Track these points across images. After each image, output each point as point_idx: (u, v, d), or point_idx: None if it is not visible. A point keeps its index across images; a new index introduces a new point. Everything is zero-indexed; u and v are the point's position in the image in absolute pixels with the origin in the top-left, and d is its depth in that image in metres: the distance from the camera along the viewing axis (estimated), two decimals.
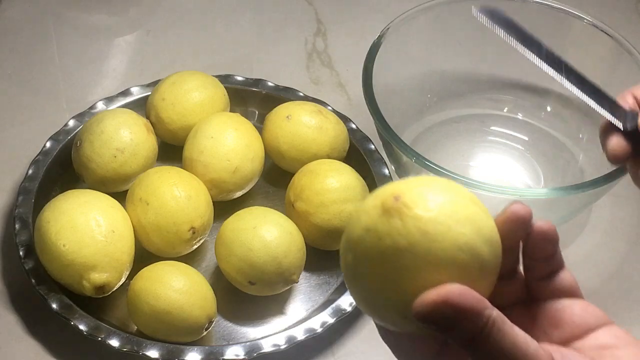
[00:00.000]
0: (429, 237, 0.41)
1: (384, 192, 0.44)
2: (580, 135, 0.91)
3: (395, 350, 0.46)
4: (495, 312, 0.40)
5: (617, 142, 0.52)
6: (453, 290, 0.40)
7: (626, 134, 0.52)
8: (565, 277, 0.46)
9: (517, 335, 0.41)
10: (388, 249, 0.42)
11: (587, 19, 0.89)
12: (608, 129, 0.53)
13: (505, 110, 0.95)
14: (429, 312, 0.40)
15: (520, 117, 0.95)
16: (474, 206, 0.43)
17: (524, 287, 0.47)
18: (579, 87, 0.53)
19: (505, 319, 0.41)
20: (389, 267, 0.42)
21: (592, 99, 0.53)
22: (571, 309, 0.45)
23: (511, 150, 0.91)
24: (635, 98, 0.54)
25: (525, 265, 0.46)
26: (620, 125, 0.52)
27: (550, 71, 0.54)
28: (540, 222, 0.45)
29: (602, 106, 0.53)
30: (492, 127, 0.94)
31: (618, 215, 0.90)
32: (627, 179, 0.76)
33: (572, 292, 0.46)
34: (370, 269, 0.43)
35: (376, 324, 0.45)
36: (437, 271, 0.41)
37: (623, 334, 0.45)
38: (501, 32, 0.54)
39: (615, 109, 0.53)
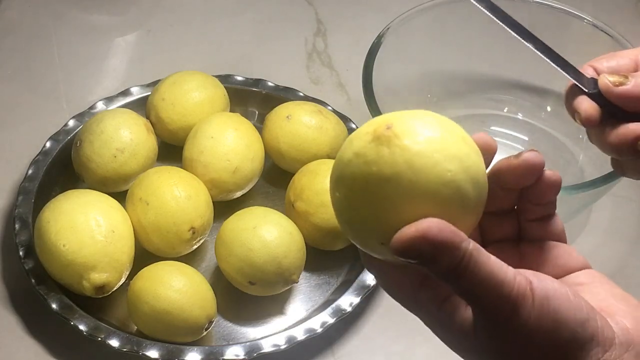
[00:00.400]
0: (414, 169, 0.41)
1: (379, 120, 0.44)
2: (580, 136, 0.91)
3: (379, 279, 0.47)
4: (472, 245, 0.41)
5: (589, 105, 0.55)
6: (431, 225, 0.40)
7: (591, 95, 0.56)
8: (555, 222, 0.48)
9: (494, 264, 0.42)
10: (372, 175, 0.42)
11: (587, 19, 0.89)
12: (573, 94, 0.56)
13: (505, 110, 0.95)
14: (407, 247, 0.41)
15: (520, 117, 0.95)
16: (465, 145, 0.43)
17: (515, 226, 0.49)
18: (546, 55, 0.57)
19: (482, 249, 0.42)
20: (372, 194, 0.42)
21: (558, 65, 0.57)
22: (557, 251, 0.48)
23: (511, 150, 0.91)
24: (595, 69, 0.57)
25: (522, 207, 0.48)
26: (585, 89, 0.55)
27: (518, 37, 0.58)
28: (549, 171, 0.47)
29: (567, 72, 0.56)
30: (492, 127, 0.94)
31: (618, 215, 0.90)
32: (627, 179, 0.76)
33: (559, 237, 0.49)
34: (355, 194, 0.43)
35: (360, 251, 0.46)
36: (419, 204, 0.42)
37: (600, 276, 0.48)
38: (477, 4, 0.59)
39: (579, 76, 0.56)
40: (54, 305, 0.75)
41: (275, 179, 0.90)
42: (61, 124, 0.90)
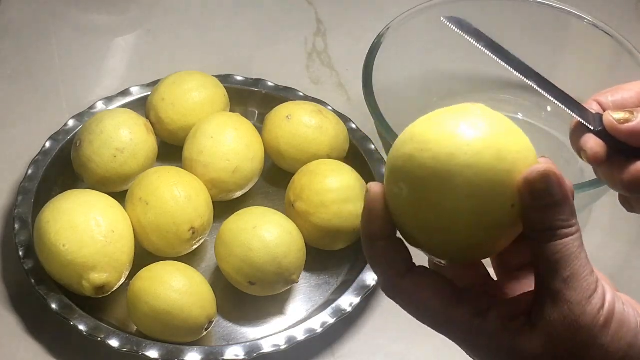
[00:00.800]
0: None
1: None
2: None
3: (408, 304, 0.47)
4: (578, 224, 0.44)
5: (595, 142, 0.53)
6: (554, 167, 0.43)
7: (597, 133, 0.54)
8: None
9: (586, 261, 0.43)
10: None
11: (587, 19, 0.89)
12: (578, 131, 0.54)
13: (505, 111, 0.95)
14: (540, 179, 0.43)
15: (520, 117, 0.95)
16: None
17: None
18: (549, 92, 0.55)
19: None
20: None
21: (562, 103, 0.55)
22: None
23: None
24: (599, 104, 0.55)
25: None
26: (591, 126, 0.53)
27: (520, 76, 0.57)
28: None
29: (572, 109, 0.55)
30: None
31: (618, 215, 0.90)
32: None
33: None
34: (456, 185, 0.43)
35: (387, 284, 0.47)
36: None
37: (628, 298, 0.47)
38: (472, 40, 0.57)
39: (584, 112, 0.54)
40: (54, 305, 0.75)
41: (275, 179, 0.90)
42: (61, 124, 0.90)
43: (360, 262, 0.81)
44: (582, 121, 0.53)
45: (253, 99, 0.95)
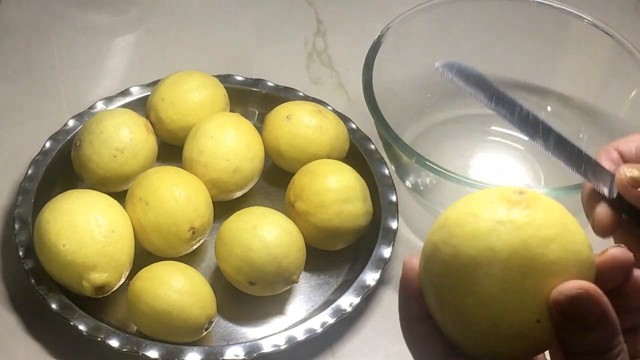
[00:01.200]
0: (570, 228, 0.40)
1: (495, 189, 0.41)
2: (581, 135, 0.91)
3: (417, 349, 0.43)
4: (623, 342, 0.38)
5: (604, 215, 0.47)
6: (591, 286, 0.38)
7: (613, 201, 0.47)
8: None
9: None
10: (530, 239, 0.39)
11: (587, 19, 0.89)
12: (592, 197, 0.48)
13: None
14: (572, 301, 0.38)
15: None
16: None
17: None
18: (558, 150, 0.48)
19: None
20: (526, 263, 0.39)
21: (573, 164, 0.48)
22: None
23: (511, 150, 0.91)
24: (621, 154, 0.49)
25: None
26: (605, 192, 0.47)
27: (526, 133, 0.49)
28: (638, 271, 0.42)
29: (585, 171, 0.47)
30: (492, 127, 0.93)
31: None
32: None
33: None
34: (501, 267, 0.39)
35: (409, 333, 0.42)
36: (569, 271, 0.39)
37: None
38: (469, 90, 0.50)
39: (599, 173, 0.47)
40: (54, 305, 0.75)
41: (275, 179, 0.89)
42: (61, 124, 0.90)
43: (360, 262, 0.81)
44: (596, 188, 0.47)
45: (253, 99, 0.95)
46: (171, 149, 0.89)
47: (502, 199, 0.40)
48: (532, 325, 0.40)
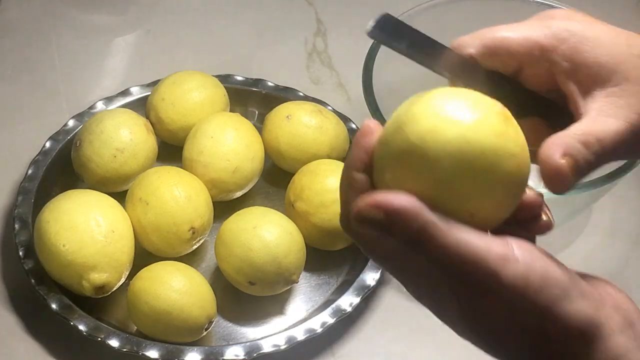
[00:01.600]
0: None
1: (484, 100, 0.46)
2: None
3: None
4: (434, 216, 0.41)
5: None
6: (390, 196, 0.41)
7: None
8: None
9: (466, 232, 0.41)
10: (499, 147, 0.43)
11: None
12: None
13: None
14: (363, 215, 0.42)
15: None
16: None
17: None
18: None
19: (450, 220, 0.41)
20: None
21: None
22: None
23: None
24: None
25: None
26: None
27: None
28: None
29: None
30: None
31: (618, 216, 0.90)
32: (627, 179, 0.76)
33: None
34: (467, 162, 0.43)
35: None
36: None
37: None
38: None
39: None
40: (54, 305, 0.75)
41: (275, 179, 0.90)
42: (61, 124, 0.90)
43: (360, 262, 0.81)
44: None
45: (253, 99, 0.95)
46: (171, 149, 0.89)
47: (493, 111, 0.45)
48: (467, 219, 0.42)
